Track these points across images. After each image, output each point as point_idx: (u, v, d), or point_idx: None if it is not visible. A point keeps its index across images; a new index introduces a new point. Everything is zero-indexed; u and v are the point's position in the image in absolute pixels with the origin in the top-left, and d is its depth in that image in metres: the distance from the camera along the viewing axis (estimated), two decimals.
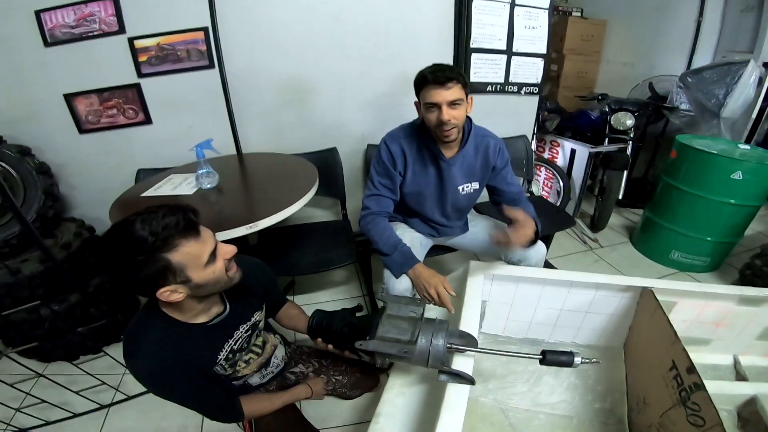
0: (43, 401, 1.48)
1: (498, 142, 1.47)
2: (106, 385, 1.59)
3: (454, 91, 1.25)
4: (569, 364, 0.82)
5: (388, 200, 1.47)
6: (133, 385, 1.65)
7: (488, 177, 1.50)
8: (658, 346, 1.04)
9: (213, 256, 0.79)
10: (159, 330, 0.83)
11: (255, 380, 1.11)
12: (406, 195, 1.51)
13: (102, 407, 1.60)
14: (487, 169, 1.47)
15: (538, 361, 0.85)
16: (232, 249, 0.84)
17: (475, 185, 1.50)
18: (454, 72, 1.24)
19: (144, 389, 1.00)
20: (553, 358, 0.83)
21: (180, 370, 0.85)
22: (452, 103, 1.26)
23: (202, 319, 0.89)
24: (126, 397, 1.63)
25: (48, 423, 1.52)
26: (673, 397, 0.91)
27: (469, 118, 1.40)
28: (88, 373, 1.56)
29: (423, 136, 1.42)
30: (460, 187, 1.48)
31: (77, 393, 1.55)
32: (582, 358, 0.82)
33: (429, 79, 1.25)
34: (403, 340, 0.85)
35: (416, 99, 1.34)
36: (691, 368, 0.86)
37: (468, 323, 1.03)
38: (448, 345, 0.85)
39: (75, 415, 1.56)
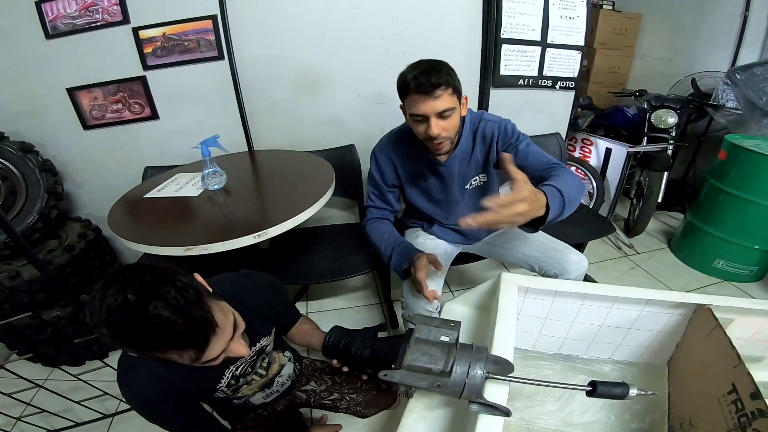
0: (44, 410, 1.43)
1: (499, 125, 1.26)
2: (110, 395, 1.53)
3: (443, 100, 1.08)
4: (622, 396, 0.70)
5: (385, 211, 1.40)
6: None
7: (495, 163, 1.32)
8: (715, 367, 0.95)
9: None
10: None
11: (257, 399, 1.04)
12: (413, 204, 1.40)
13: (106, 416, 1.56)
14: (491, 157, 1.30)
15: (584, 393, 0.72)
16: (242, 353, 0.75)
17: (483, 177, 1.35)
18: (441, 76, 1.05)
19: None
20: (604, 390, 0.70)
21: (175, 398, 0.80)
22: (441, 114, 1.10)
23: None
24: (130, 407, 1.54)
25: None
26: (730, 422, 0.84)
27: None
28: (90, 384, 1.48)
29: (412, 142, 1.28)
30: (467, 185, 1.34)
31: (79, 403, 1.49)
32: (638, 389, 0.70)
33: (411, 87, 1.07)
34: (435, 371, 0.73)
35: (401, 102, 1.18)
36: (756, 394, 0.80)
37: (501, 344, 0.90)
38: (486, 375, 0.72)
39: (78, 424, 1.52)
